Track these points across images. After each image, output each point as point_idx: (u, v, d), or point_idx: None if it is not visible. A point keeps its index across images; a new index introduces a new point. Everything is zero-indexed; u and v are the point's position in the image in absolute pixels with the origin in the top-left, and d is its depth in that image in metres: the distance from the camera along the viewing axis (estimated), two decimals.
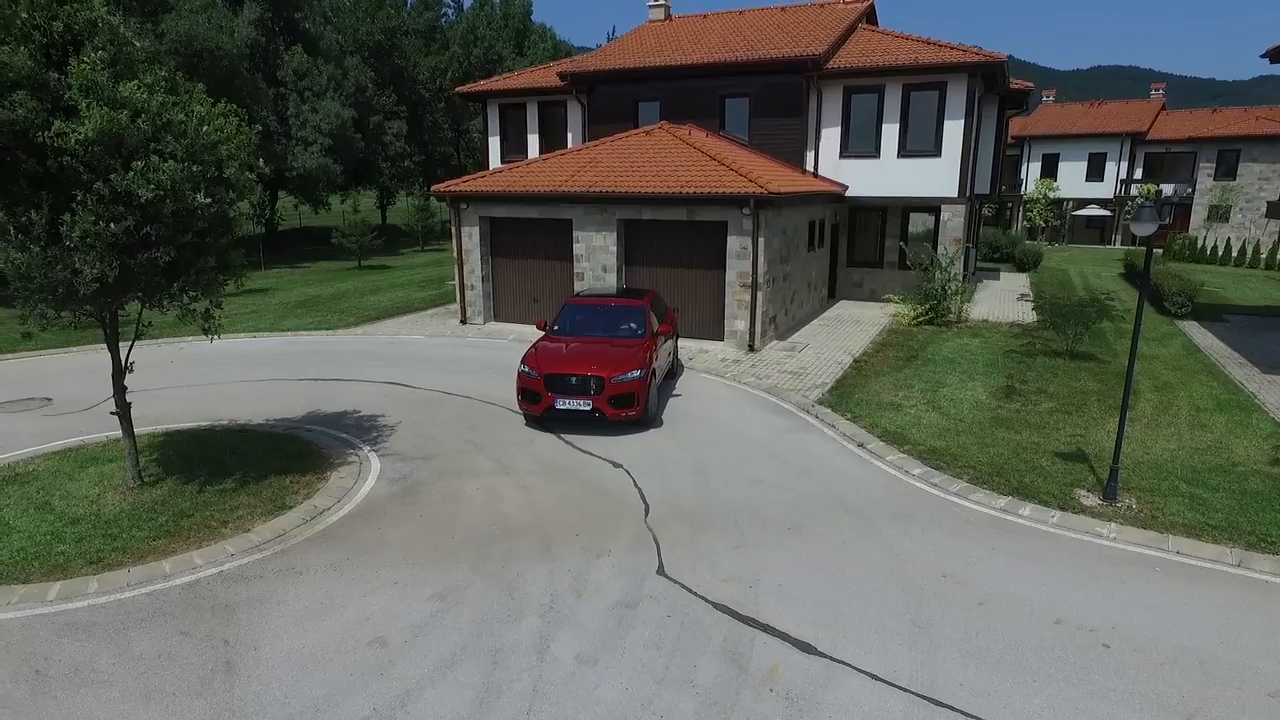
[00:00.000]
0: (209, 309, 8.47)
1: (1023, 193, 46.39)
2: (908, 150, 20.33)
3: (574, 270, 17.65)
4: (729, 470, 9.77)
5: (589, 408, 10.98)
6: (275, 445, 10.43)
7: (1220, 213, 42.49)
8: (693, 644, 6.12)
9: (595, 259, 17.38)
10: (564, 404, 11.06)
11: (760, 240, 15.61)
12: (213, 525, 8.06)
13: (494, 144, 25.46)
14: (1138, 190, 44.02)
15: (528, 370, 11.34)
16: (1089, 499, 8.81)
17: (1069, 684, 5.65)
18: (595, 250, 17.33)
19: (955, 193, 20.07)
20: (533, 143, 24.60)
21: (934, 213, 20.90)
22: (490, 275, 19.03)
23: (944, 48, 20.08)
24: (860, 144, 20.73)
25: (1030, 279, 28.69)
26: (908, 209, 21.68)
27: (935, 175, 20.14)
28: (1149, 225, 7.96)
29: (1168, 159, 44.68)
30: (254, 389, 13.39)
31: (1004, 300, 23.21)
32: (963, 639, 6.19)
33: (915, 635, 6.24)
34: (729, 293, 16.21)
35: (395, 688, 5.59)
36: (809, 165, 20.99)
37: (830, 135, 20.90)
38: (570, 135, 23.83)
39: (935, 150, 19.99)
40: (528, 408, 11.42)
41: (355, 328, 19.18)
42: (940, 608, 6.64)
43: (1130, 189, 44.47)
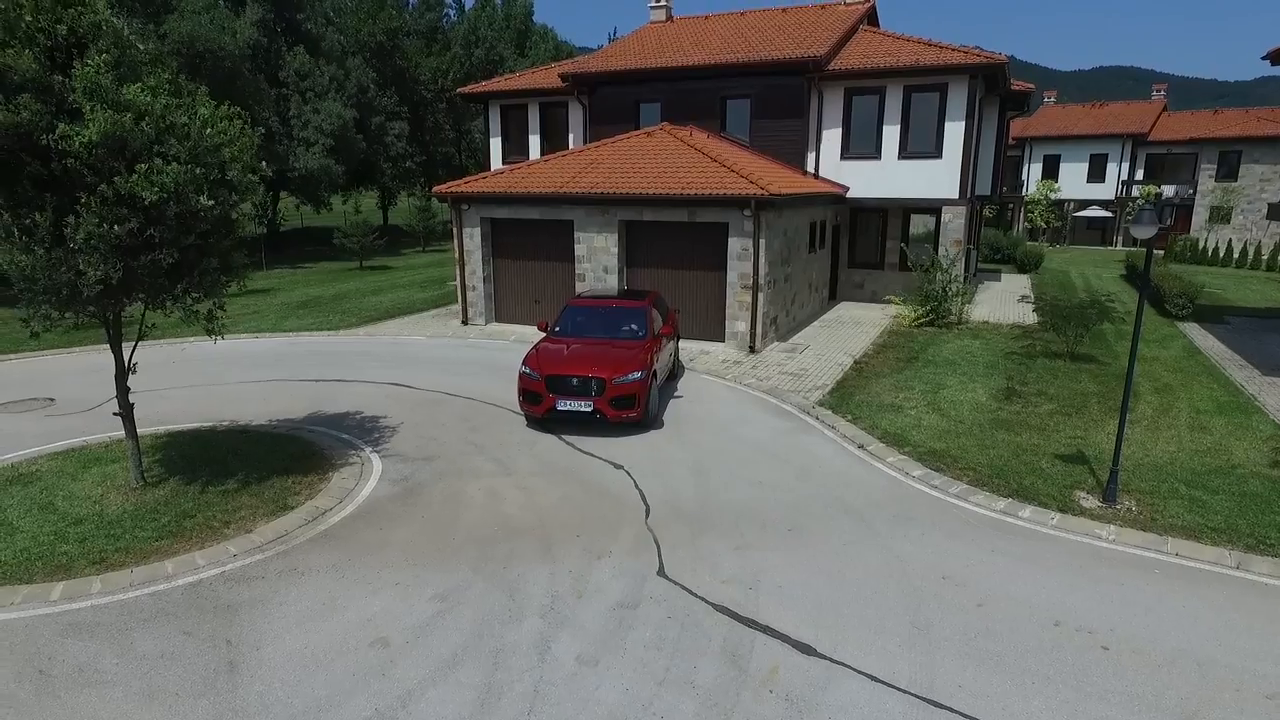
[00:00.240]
0: (212, 310, 8.51)
1: (1024, 194, 46.40)
2: (909, 152, 20.35)
3: (575, 271, 17.68)
4: (730, 472, 9.80)
5: (590, 409, 11.00)
6: (277, 446, 10.46)
7: (1222, 214, 42.45)
8: (693, 645, 6.14)
9: (596, 260, 17.41)
10: (565, 405, 11.08)
11: (761, 242, 15.63)
12: (215, 526, 8.09)
13: (495, 145, 25.49)
14: (1139, 192, 44.03)
15: (529, 371, 11.36)
16: (1089, 501, 8.83)
17: (1068, 686, 5.67)
18: (596, 251, 17.37)
19: (956, 194, 20.09)
20: (534, 144, 24.62)
21: (935, 214, 20.93)
22: (492, 276, 19.07)
23: (945, 49, 20.10)
24: (861, 145, 20.76)
25: (1031, 280, 28.69)
26: (909, 210, 21.71)
27: (936, 176, 20.17)
28: (1149, 228, 7.98)
29: (1169, 160, 44.65)
30: (256, 389, 13.43)
31: (1005, 302, 23.21)
32: (962, 640, 6.21)
33: (915, 637, 6.26)
34: (730, 294, 16.24)
35: (397, 688, 5.62)
36: (810, 167, 21.01)
37: (831, 137, 20.93)
38: (572, 136, 23.86)
39: (936, 152, 20.01)
40: (529, 409, 11.45)
41: (357, 328, 19.22)
42: (940, 609, 6.66)
43: (1131, 190, 44.47)
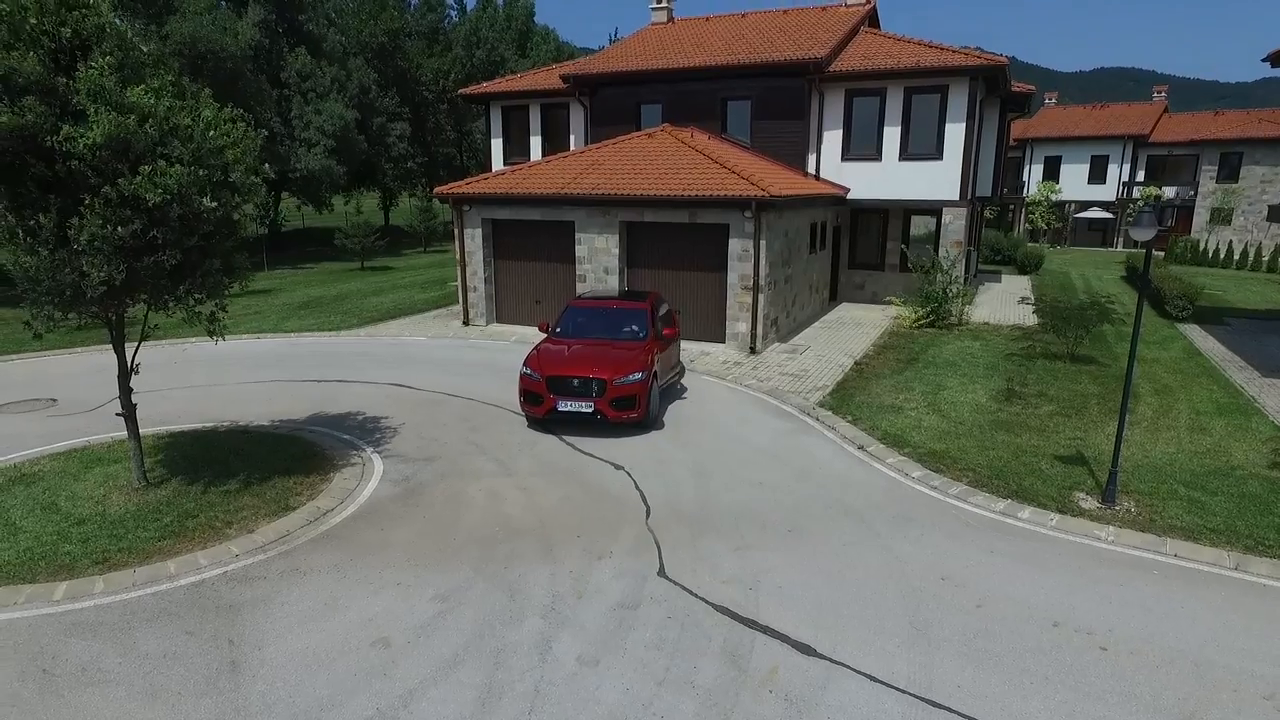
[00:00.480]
0: (214, 312, 8.54)
1: (1025, 195, 46.40)
2: (909, 153, 20.37)
3: (576, 272, 17.71)
4: (730, 472, 9.83)
5: (591, 410, 11.03)
6: (279, 446, 10.49)
7: (1222, 215, 42.45)
8: (693, 645, 6.17)
9: (597, 261, 17.44)
10: (566, 406, 11.11)
11: (762, 243, 15.66)
12: (217, 526, 8.12)
13: (497, 146, 25.53)
14: (1139, 193, 44.03)
15: (530, 372, 11.39)
16: (1088, 502, 8.85)
17: (1066, 686, 5.70)
18: (597, 252, 17.40)
19: (956, 195, 20.12)
20: (535, 144, 24.64)
21: (935, 215, 20.95)
22: (493, 277, 19.10)
23: (945, 51, 20.13)
24: (862, 147, 20.78)
25: (1032, 281, 28.71)
26: (909, 211, 21.74)
27: (937, 178, 20.19)
28: (1148, 230, 8.01)
29: (1170, 162, 44.65)
30: (257, 390, 13.47)
31: (1005, 303, 23.23)
32: (961, 641, 6.23)
33: (914, 637, 6.29)
34: (730, 295, 16.26)
35: (398, 688, 5.65)
36: (811, 168, 21.04)
37: (832, 138, 20.95)
38: (573, 137, 23.90)
39: (937, 153, 20.03)
40: (530, 409, 11.47)
41: (358, 329, 19.25)
42: (939, 610, 6.68)
43: (1132, 192, 44.46)
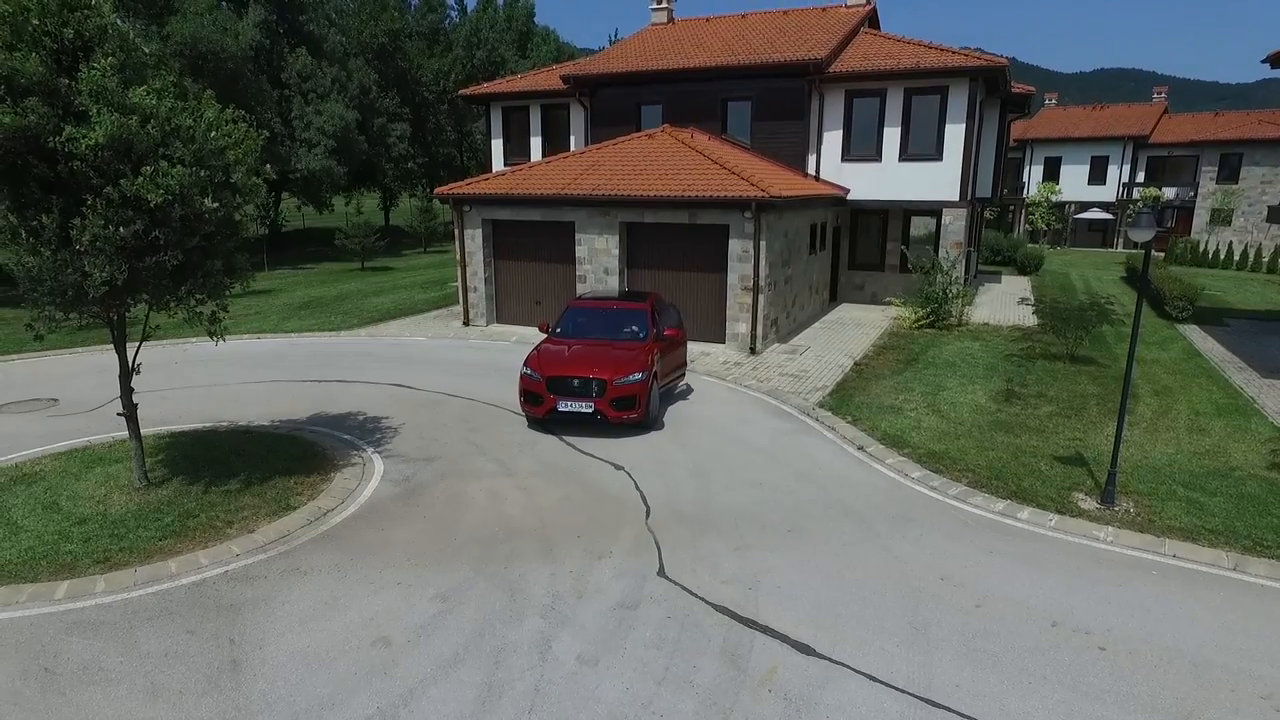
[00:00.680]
0: (215, 312, 8.56)
1: (1025, 196, 46.43)
2: (909, 154, 20.40)
3: (576, 273, 17.73)
4: (729, 473, 9.84)
5: (591, 410, 11.05)
6: (279, 446, 10.51)
7: (1222, 216, 42.48)
8: (693, 645, 6.19)
9: (597, 262, 17.47)
10: (566, 406, 11.13)
11: (762, 243, 15.68)
12: (218, 526, 8.14)
13: (497, 146, 25.55)
14: (1139, 194, 44.05)
15: (530, 372, 11.41)
16: (1087, 503, 8.87)
17: (1064, 686, 5.71)
18: (597, 253, 17.42)
19: (956, 196, 20.14)
20: (535, 145, 24.66)
21: (935, 216, 20.98)
22: (493, 277, 19.12)
23: (945, 52, 20.15)
24: (862, 147, 20.80)
25: (1031, 282, 28.73)
26: (909, 212, 21.76)
27: (936, 179, 20.21)
28: (1147, 231, 8.04)
29: (1170, 162, 44.67)
30: (258, 390, 13.49)
31: (1005, 303, 23.25)
32: (960, 641, 6.25)
33: (913, 637, 6.30)
34: (730, 295, 16.29)
35: (399, 687, 5.66)
36: (811, 168, 21.06)
37: (832, 139, 20.97)
38: (573, 138, 23.92)
39: (936, 154, 20.05)
40: (530, 410, 11.49)
41: (358, 329, 19.28)
42: (938, 610, 6.70)
43: (1132, 193, 44.48)
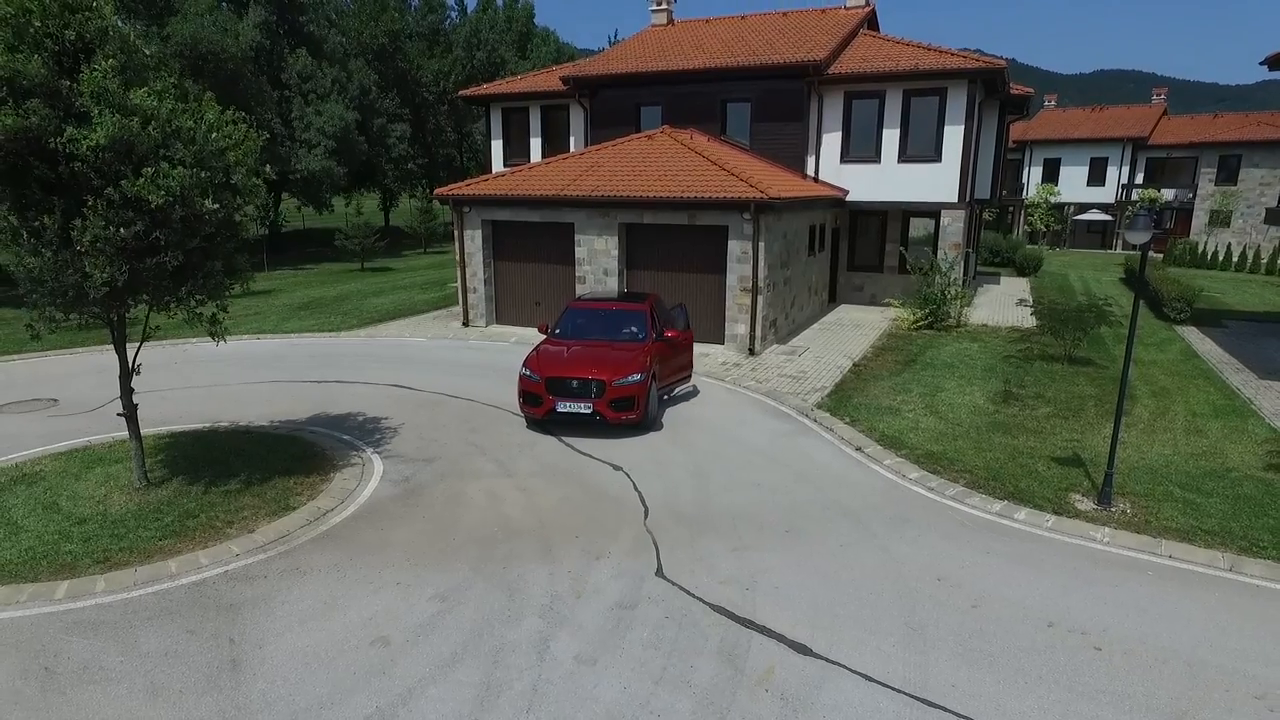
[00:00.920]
0: (215, 313, 8.58)
1: (1024, 197, 46.47)
2: (908, 155, 20.42)
3: (575, 274, 17.76)
4: (728, 474, 9.87)
5: (589, 411, 11.07)
6: (279, 447, 10.54)
7: (1221, 218, 42.54)
8: (690, 645, 6.22)
9: (597, 262, 17.50)
10: (565, 407, 11.16)
11: (761, 245, 15.72)
12: (218, 526, 8.17)
13: (497, 147, 25.58)
14: (1138, 195, 44.10)
15: (529, 373, 11.44)
16: (1084, 503, 8.90)
17: (1060, 686, 5.74)
18: (597, 254, 17.45)
19: (955, 198, 20.16)
20: (535, 146, 24.68)
21: (934, 217, 21.00)
22: (492, 278, 19.15)
23: (944, 54, 20.18)
24: (861, 149, 20.83)
25: (1030, 283, 28.76)
26: (908, 214, 21.79)
27: (935, 180, 20.23)
28: (1143, 233, 8.08)
29: (1169, 164, 44.70)
30: (258, 391, 13.52)
31: (1004, 305, 23.29)
32: (956, 641, 6.28)
33: (909, 637, 6.33)
34: (729, 296, 16.32)
35: (397, 686, 5.69)
36: (810, 170, 21.09)
37: (831, 140, 21.00)
38: (572, 139, 23.94)
39: (935, 155, 20.08)
40: (529, 410, 11.52)
41: (358, 330, 19.30)
42: (934, 610, 6.73)
43: (1131, 194, 44.52)
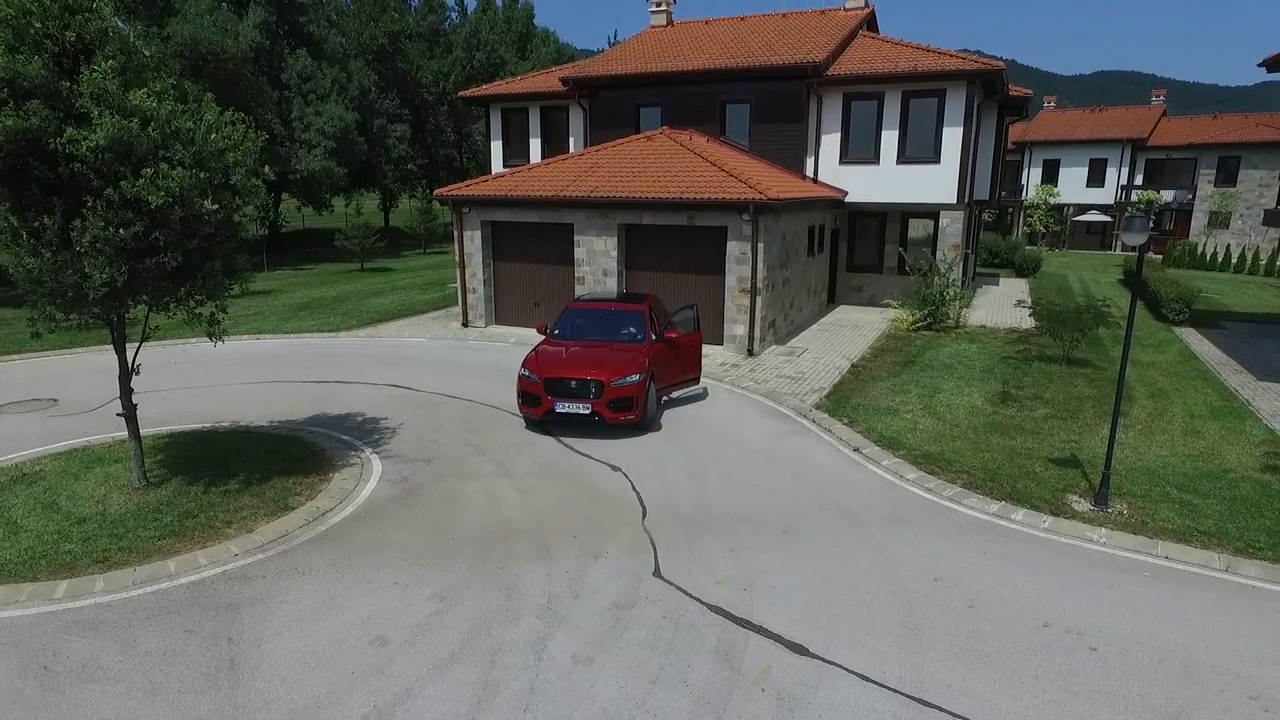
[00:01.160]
0: (214, 313, 8.61)
1: (1023, 198, 46.51)
2: (907, 156, 20.45)
3: (575, 274, 17.79)
4: (726, 474, 9.89)
5: (588, 411, 11.09)
6: (278, 447, 10.56)
7: (1220, 219, 42.59)
8: (687, 645, 6.23)
9: (596, 263, 17.52)
10: (563, 407, 11.18)
11: (760, 245, 15.74)
12: (217, 525, 8.19)
13: (496, 148, 25.60)
14: (1138, 196, 44.14)
15: (528, 374, 11.46)
16: (1081, 504, 8.92)
17: (1056, 685, 5.76)
18: (596, 255, 17.47)
19: (954, 199, 20.19)
20: (535, 147, 24.70)
21: (933, 218, 21.03)
22: (492, 279, 19.17)
23: (943, 55, 20.21)
24: (860, 150, 20.86)
25: (1029, 284, 28.78)
26: (907, 215, 21.82)
27: (934, 181, 20.26)
28: (1140, 234, 8.11)
29: (1168, 165, 44.76)
30: (257, 391, 13.53)
31: (1002, 306, 23.31)
32: (952, 641, 6.30)
33: (906, 637, 6.35)
34: (728, 297, 16.34)
35: (395, 685, 5.71)
36: (809, 171, 21.12)
37: (830, 141, 21.03)
38: (572, 140, 23.96)
39: (934, 157, 20.11)
40: (528, 411, 11.54)
41: (357, 330, 19.32)
42: (931, 610, 6.75)
43: (1130, 195, 44.56)
